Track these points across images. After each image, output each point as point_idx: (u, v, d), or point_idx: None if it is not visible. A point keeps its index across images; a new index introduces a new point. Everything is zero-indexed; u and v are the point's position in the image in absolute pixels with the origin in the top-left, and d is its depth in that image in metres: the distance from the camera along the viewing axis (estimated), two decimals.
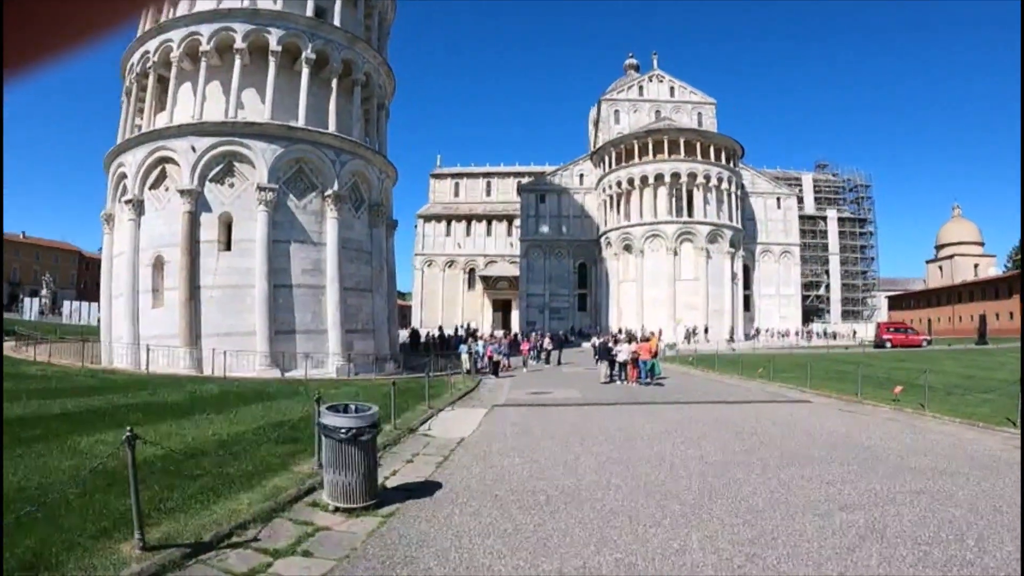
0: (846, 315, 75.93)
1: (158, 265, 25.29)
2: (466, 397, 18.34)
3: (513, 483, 8.01)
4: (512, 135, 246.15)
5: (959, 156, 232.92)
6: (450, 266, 79.94)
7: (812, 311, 73.11)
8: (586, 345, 45.36)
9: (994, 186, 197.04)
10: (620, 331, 43.38)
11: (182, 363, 23.16)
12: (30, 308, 61.06)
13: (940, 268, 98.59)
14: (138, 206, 26.05)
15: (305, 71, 26.41)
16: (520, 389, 20.86)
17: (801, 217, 70.54)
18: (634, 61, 79.19)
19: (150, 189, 26.02)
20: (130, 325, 25.36)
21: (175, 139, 25.15)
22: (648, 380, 21.55)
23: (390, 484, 7.95)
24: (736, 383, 22.51)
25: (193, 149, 24.72)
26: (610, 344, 23.94)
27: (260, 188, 24.22)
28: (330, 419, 6.80)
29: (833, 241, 77.41)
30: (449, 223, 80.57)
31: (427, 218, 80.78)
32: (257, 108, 25.63)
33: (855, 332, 66.42)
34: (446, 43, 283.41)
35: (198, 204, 24.54)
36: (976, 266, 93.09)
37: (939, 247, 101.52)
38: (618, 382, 22.08)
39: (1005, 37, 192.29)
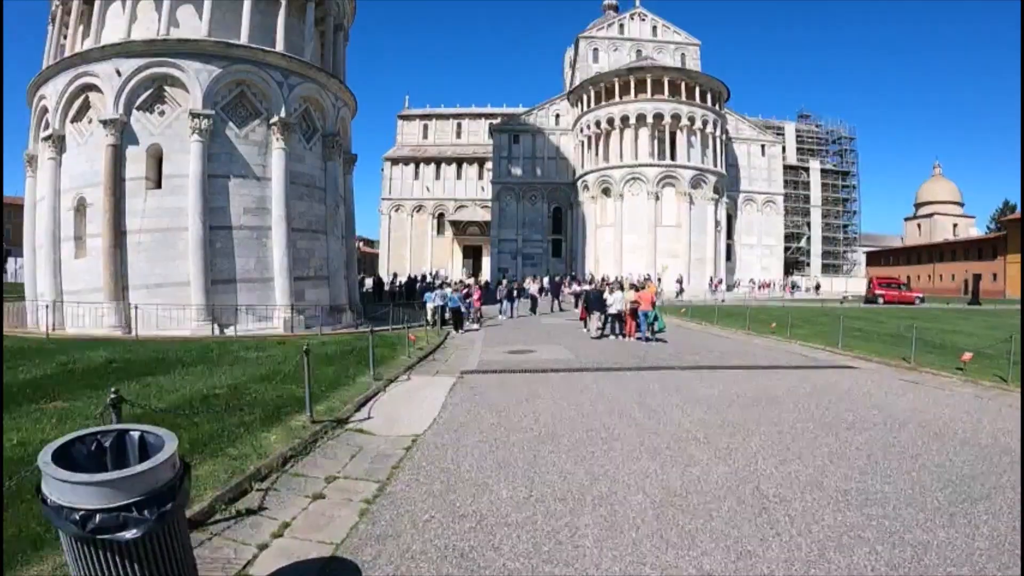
0: (826, 269, 75.00)
1: (80, 209, 21.90)
2: (428, 359, 15.32)
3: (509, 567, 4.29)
4: (484, 77, 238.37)
5: (941, 115, 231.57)
6: (418, 211, 76.76)
7: (792, 264, 71.52)
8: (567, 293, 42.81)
9: (974, 147, 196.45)
10: (609, 278, 41.06)
11: (106, 321, 20.08)
12: None
13: (919, 226, 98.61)
14: (59, 142, 22.48)
15: None
16: (495, 346, 18.13)
17: (784, 167, 68.26)
18: (613, 1, 75.23)
19: (72, 123, 22.39)
20: (51, 279, 22.03)
21: (99, 63, 21.47)
22: (648, 335, 18.91)
23: (258, 573, 4.22)
24: (745, 339, 20.23)
25: (118, 73, 21.11)
26: (604, 292, 21.18)
27: (193, 115, 20.81)
28: (57, 490, 2.96)
29: (815, 193, 75.52)
30: (418, 166, 77.01)
31: (394, 161, 77.09)
32: (194, 26, 21.96)
33: (833, 286, 65.44)
34: None
35: (124, 136, 21.06)
36: (955, 226, 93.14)
37: (918, 205, 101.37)
38: (612, 337, 19.52)
39: None
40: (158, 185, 21.23)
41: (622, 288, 21.61)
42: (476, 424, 8.49)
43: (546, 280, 45.62)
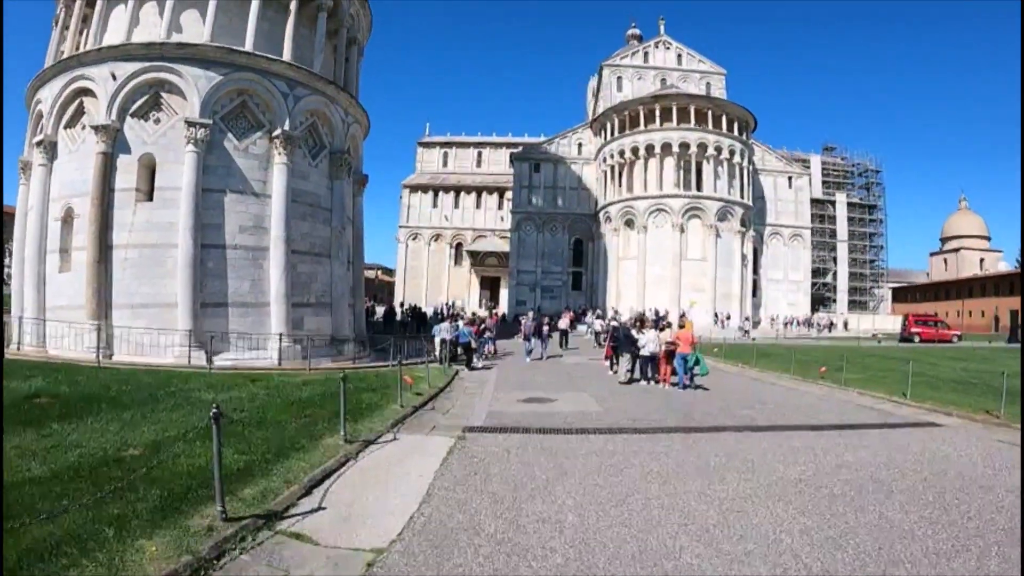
0: (852, 305, 72.28)
1: (68, 220, 20.47)
2: (426, 407, 12.78)
3: None
4: (506, 106, 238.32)
5: (965, 147, 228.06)
6: (436, 240, 75.20)
7: (817, 300, 68.91)
8: (581, 328, 40.80)
9: (1000, 179, 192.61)
10: (645, 313, 38.95)
11: (85, 342, 18.34)
12: None
13: (945, 261, 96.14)
14: (50, 148, 21.22)
15: None
16: (508, 391, 15.74)
17: (810, 200, 66.15)
18: (636, 31, 74.30)
19: (66, 128, 21.17)
20: (35, 294, 20.57)
21: (95, 66, 20.25)
22: (687, 382, 16.44)
23: None
24: (793, 386, 17.91)
25: (113, 77, 19.82)
26: (632, 330, 18.40)
27: (189, 123, 19.30)
28: None
29: (842, 227, 73.10)
30: (436, 194, 75.65)
31: (413, 188, 75.85)
32: (197, 32, 20.67)
33: (860, 323, 63.20)
34: (438, 6, 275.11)
35: (116, 144, 19.66)
36: (982, 260, 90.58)
37: (944, 239, 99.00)
38: (643, 383, 17.18)
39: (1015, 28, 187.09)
40: (149, 197, 19.75)
41: (656, 325, 19.27)
42: (470, 536, 5.56)
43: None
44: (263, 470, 7.11)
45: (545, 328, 26.17)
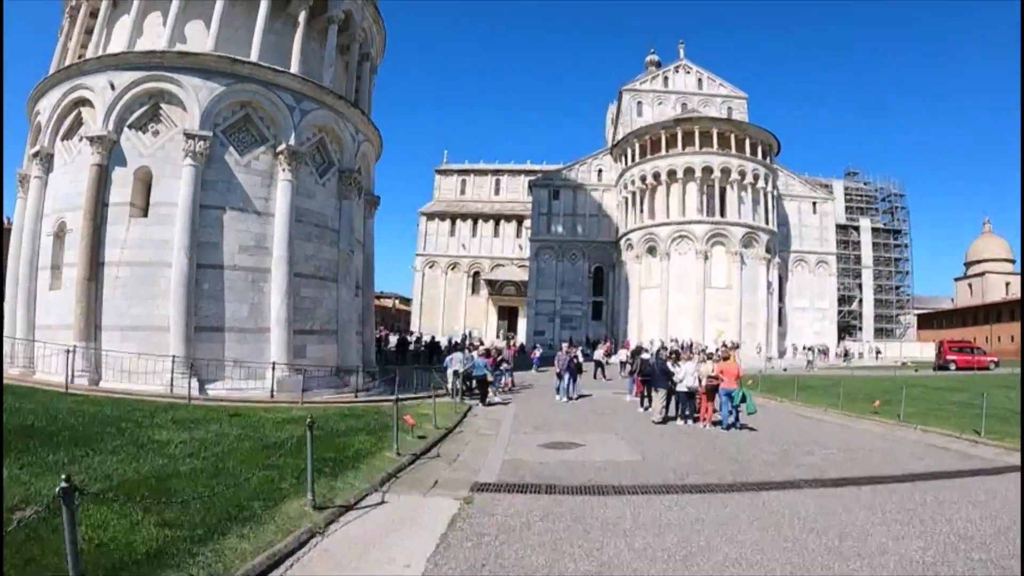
0: (878, 333, 69.66)
1: (60, 234, 19.38)
2: (429, 455, 10.82)
3: None
4: (524, 133, 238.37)
5: (988, 169, 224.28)
6: (453, 268, 73.97)
7: (843, 328, 66.56)
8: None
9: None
10: (678, 343, 37.16)
11: (73, 365, 16.81)
12: None
13: (970, 286, 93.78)
14: (46, 160, 20.28)
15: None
16: (527, 432, 13.90)
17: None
18: (655, 57, 73.28)
19: (63, 140, 20.21)
20: (25, 312, 19.50)
21: (94, 75, 19.28)
22: (732, 422, 14.55)
23: None
24: (847, 422, 16.13)
25: (112, 86, 18.81)
26: (668, 362, 16.44)
27: (188, 135, 18.14)
28: None
29: (866, 252, 70.85)
30: (454, 222, 74.63)
31: (430, 216, 74.89)
32: (201, 43, 19.67)
33: (887, 351, 61.06)
34: (456, 34, 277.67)
35: (111, 156, 18.55)
36: (1008, 284, 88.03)
37: (968, 263, 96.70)
38: (680, 422, 15.39)
39: None
40: (144, 213, 18.56)
41: (693, 357, 17.16)
42: None
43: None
44: (179, 559, 5.09)
45: (579, 363, 22.95)
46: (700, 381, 15.25)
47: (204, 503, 6.09)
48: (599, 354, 31.48)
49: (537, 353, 37.46)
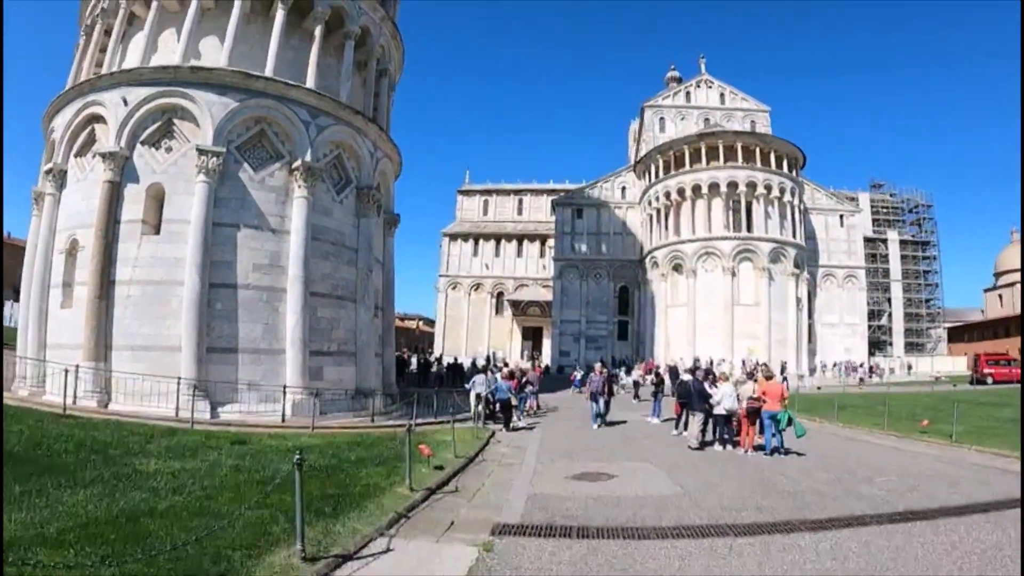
0: (908, 348, 67.63)
1: (72, 252, 19.05)
2: (447, 488, 9.92)
3: None
4: (546, 152, 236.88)
5: (1013, 177, 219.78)
6: (476, 289, 73.18)
7: (873, 343, 64.68)
8: (627, 380, 37.72)
9: None
10: (702, 363, 36.02)
11: (83, 386, 16.40)
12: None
13: (1000, 297, 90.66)
14: (59, 177, 20.11)
15: (280, 13, 20.16)
16: (555, 461, 12.89)
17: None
18: (676, 74, 72.67)
19: (76, 156, 20.03)
20: (36, 331, 19.17)
21: (107, 91, 19.08)
22: (776, 445, 13.51)
23: None
24: (896, 444, 15.04)
25: (125, 102, 18.52)
26: (705, 383, 15.53)
27: (201, 151, 17.70)
28: None
29: (895, 266, 69.03)
30: (477, 242, 74.01)
31: (453, 236, 74.37)
32: (215, 60, 19.35)
33: (919, 366, 59.38)
34: (476, 55, 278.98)
35: (124, 173, 18.21)
36: None
37: (998, 274, 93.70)
38: (718, 447, 14.42)
39: None
40: (156, 231, 18.13)
41: (731, 378, 16.00)
42: None
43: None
44: None
45: (613, 387, 21.68)
46: (740, 402, 14.21)
47: (177, 556, 5.17)
48: (636, 374, 30.77)
49: (578, 375, 36.45)
